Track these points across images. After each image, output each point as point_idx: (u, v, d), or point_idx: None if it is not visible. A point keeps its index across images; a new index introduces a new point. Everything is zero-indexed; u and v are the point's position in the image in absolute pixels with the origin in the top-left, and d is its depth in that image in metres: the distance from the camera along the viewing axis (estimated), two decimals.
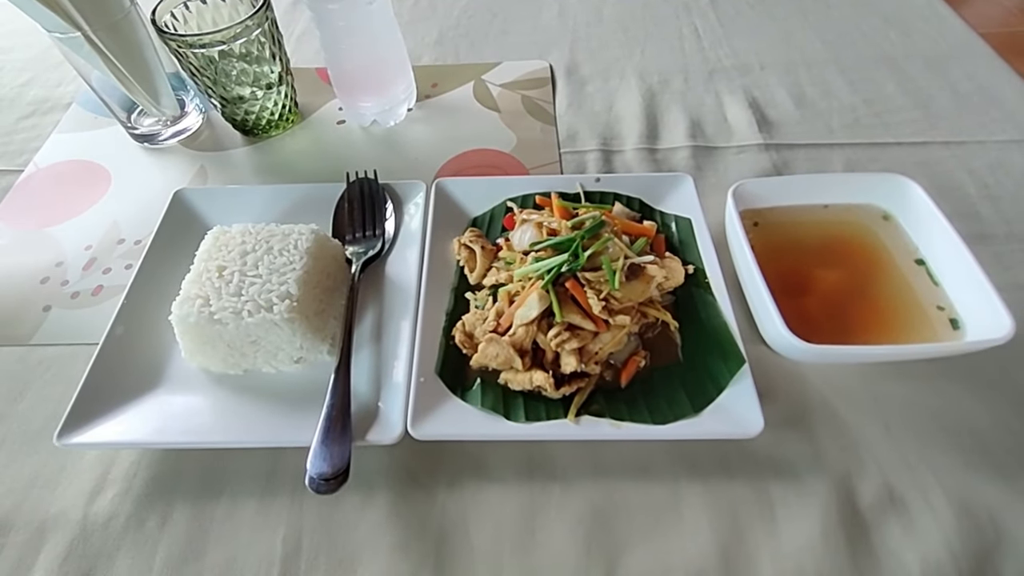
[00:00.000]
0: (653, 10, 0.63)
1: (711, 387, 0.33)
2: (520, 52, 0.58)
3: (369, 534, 0.30)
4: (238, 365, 0.35)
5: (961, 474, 0.31)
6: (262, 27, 0.44)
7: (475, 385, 0.34)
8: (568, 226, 0.35)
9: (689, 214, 0.41)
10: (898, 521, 0.30)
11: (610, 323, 0.33)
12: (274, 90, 0.48)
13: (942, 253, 0.34)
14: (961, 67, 0.54)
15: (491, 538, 0.30)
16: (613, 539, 0.30)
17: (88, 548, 0.30)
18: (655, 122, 0.51)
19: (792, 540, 0.30)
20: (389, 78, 0.49)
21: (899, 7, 0.62)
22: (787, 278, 0.34)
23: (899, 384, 0.35)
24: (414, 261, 0.39)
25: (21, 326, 0.39)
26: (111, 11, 0.42)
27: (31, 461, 0.33)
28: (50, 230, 0.44)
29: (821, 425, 0.33)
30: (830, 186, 0.38)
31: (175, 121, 0.50)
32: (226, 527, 0.31)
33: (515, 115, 0.52)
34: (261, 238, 0.36)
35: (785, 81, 0.54)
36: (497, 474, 0.32)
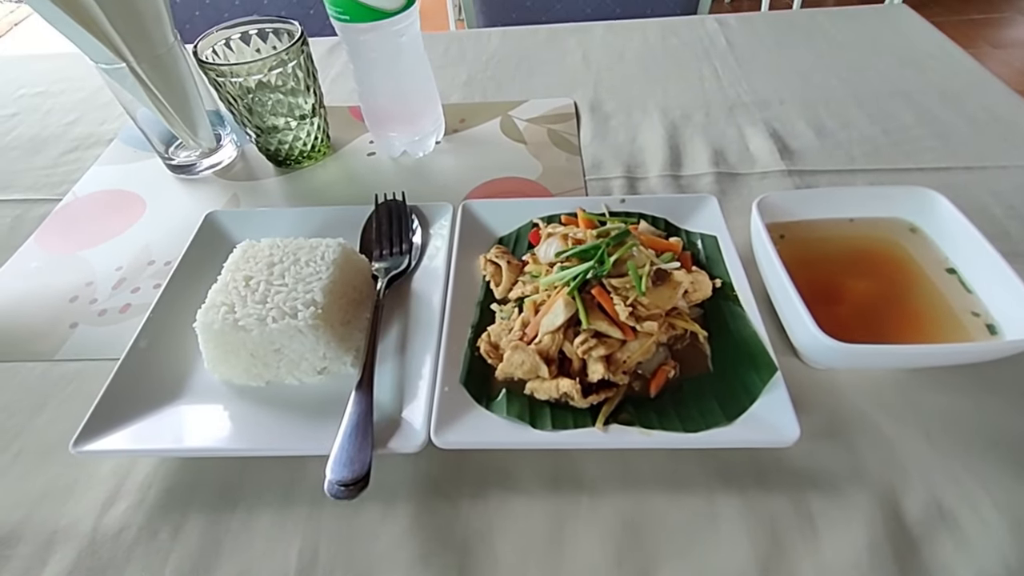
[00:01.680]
0: (673, 53, 0.67)
1: (744, 396, 0.32)
2: (545, 92, 0.62)
3: (389, 546, 0.30)
4: (260, 376, 0.35)
5: (1013, 487, 0.30)
6: (297, 60, 0.47)
7: (500, 395, 0.34)
8: (593, 235, 0.36)
9: (715, 232, 0.42)
10: (949, 536, 0.29)
11: (637, 330, 0.33)
12: (307, 121, 0.51)
13: (973, 261, 0.34)
14: (976, 100, 0.56)
15: (516, 551, 0.29)
16: (646, 553, 0.29)
17: (96, 560, 0.30)
18: (678, 152, 0.53)
19: (836, 555, 0.28)
20: (418, 110, 0.52)
21: (911, 48, 0.65)
22: (816, 288, 0.34)
23: (939, 396, 0.34)
24: (440, 278, 0.40)
25: (46, 342, 0.40)
26: (155, 45, 0.46)
27: (45, 474, 0.33)
28: (83, 253, 0.46)
29: (860, 437, 0.33)
30: (855, 200, 0.39)
31: (210, 153, 0.54)
32: (240, 539, 0.30)
33: (541, 146, 0.54)
34: (288, 251, 0.37)
35: (804, 114, 0.56)
36: (523, 485, 0.31)
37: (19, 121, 0.62)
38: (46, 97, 0.66)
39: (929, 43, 0.65)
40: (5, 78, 0.69)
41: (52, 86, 0.67)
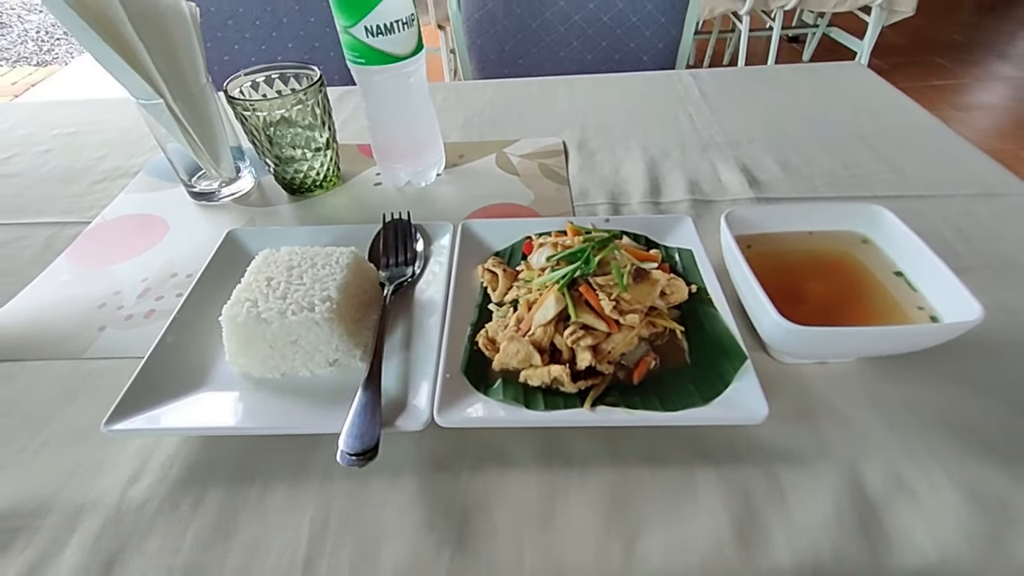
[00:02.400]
0: (651, 101, 0.74)
1: (718, 382, 0.36)
2: (536, 133, 0.68)
3: (394, 515, 0.32)
4: (277, 368, 0.38)
5: (965, 462, 0.33)
6: (315, 98, 0.53)
7: (497, 383, 0.37)
8: (580, 241, 0.41)
9: (690, 247, 0.46)
10: (907, 503, 0.32)
11: (620, 323, 0.37)
12: (321, 153, 0.56)
13: (917, 265, 0.39)
14: (925, 141, 0.63)
15: (512, 518, 0.32)
16: (631, 519, 0.31)
17: (121, 528, 0.32)
18: (657, 183, 0.58)
19: (805, 519, 0.31)
20: (422, 144, 0.58)
21: (867, 99, 0.72)
22: (780, 290, 0.38)
23: (896, 386, 0.38)
24: (441, 286, 0.44)
25: (75, 343, 0.43)
26: (189, 83, 0.52)
27: (73, 455, 0.36)
28: (110, 267, 0.50)
29: (824, 420, 0.36)
30: (813, 215, 0.44)
31: (230, 183, 0.59)
32: (256, 510, 0.33)
33: (533, 178, 0.59)
34: (306, 256, 0.41)
35: (771, 152, 0.62)
36: (517, 461, 0.34)
37: (52, 156, 0.68)
38: (77, 136, 0.71)
39: (883, 95, 0.73)
40: (40, 120, 0.75)
41: (82, 127, 0.73)
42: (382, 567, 0.30)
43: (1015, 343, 0.40)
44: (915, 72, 2.66)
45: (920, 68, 2.69)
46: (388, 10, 0.48)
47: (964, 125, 2.27)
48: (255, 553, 0.31)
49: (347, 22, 0.48)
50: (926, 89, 2.55)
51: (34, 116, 0.77)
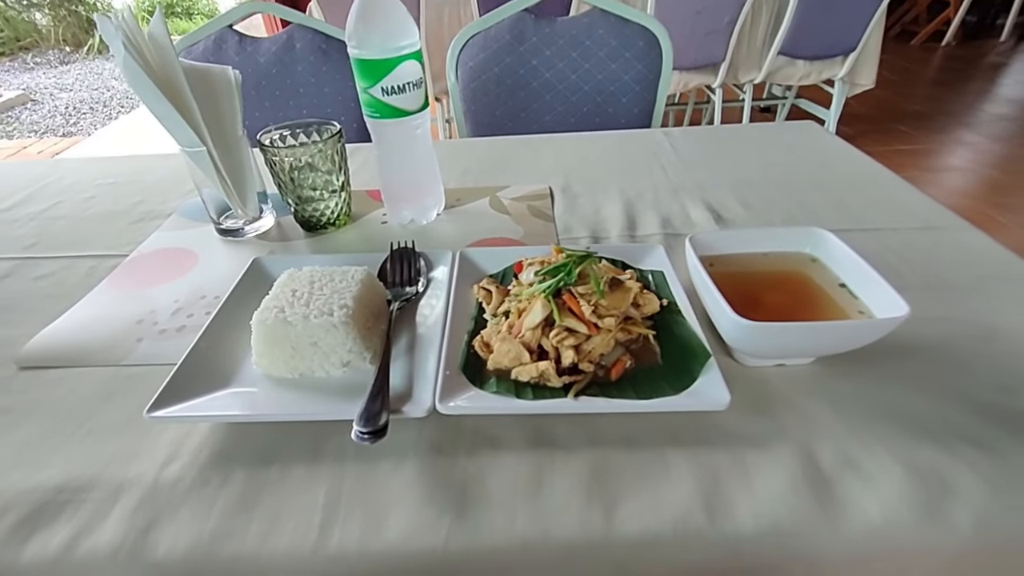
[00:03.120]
0: (628, 155, 0.82)
1: (686, 377, 0.40)
2: (526, 181, 0.75)
3: (400, 489, 0.36)
4: (296, 368, 0.43)
5: (905, 443, 0.37)
6: (335, 147, 0.60)
7: (491, 380, 0.41)
8: (563, 259, 0.46)
9: (662, 269, 0.52)
10: (855, 476, 0.35)
11: (599, 326, 0.42)
12: (336, 194, 0.63)
13: (857, 277, 0.44)
14: (871, 185, 0.70)
15: (505, 491, 0.35)
16: (610, 490, 0.35)
17: (157, 502, 0.35)
18: (633, 220, 0.65)
19: (765, 490, 0.35)
20: (425, 188, 0.64)
21: (820, 152, 0.80)
22: (739, 299, 0.42)
23: (846, 383, 0.42)
24: (441, 302, 0.49)
25: (115, 352, 0.47)
26: (228, 135, 0.59)
27: (113, 444, 0.39)
28: (146, 291, 0.55)
29: (782, 411, 0.40)
30: (767, 238, 0.49)
31: (253, 221, 0.65)
32: (276, 486, 0.36)
33: (522, 216, 0.66)
34: (325, 274, 0.47)
35: (734, 195, 0.69)
36: (509, 445, 0.38)
37: (96, 201, 0.74)
38: (117, 186, 0.78)
39: (833, 147, 0.81)
40: (85, 172, 0.83)
41: (120, 179, 0.80)
42: (389, 531, 0.33)
43: (948, 346, 0.45)
44: (881, 138, 2.81)
45: (886, 134, 2.84)
46: (401, 75, 0.56)
47: (933, 186, 2.38)
48: (276, 520, 0.34)
49: (367, 84, 0.56)
50: (893, 153, 2.68)
51: (79, 169, 0.84)
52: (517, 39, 1.07)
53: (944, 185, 2.40)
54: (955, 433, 0.37)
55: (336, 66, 1.08)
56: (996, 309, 0.48)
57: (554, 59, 1.07)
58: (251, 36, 1.08)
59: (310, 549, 0.33)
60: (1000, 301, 0.49)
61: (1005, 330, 0.46)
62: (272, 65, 1.08)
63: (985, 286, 0.51)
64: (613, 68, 1.07)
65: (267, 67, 1.08)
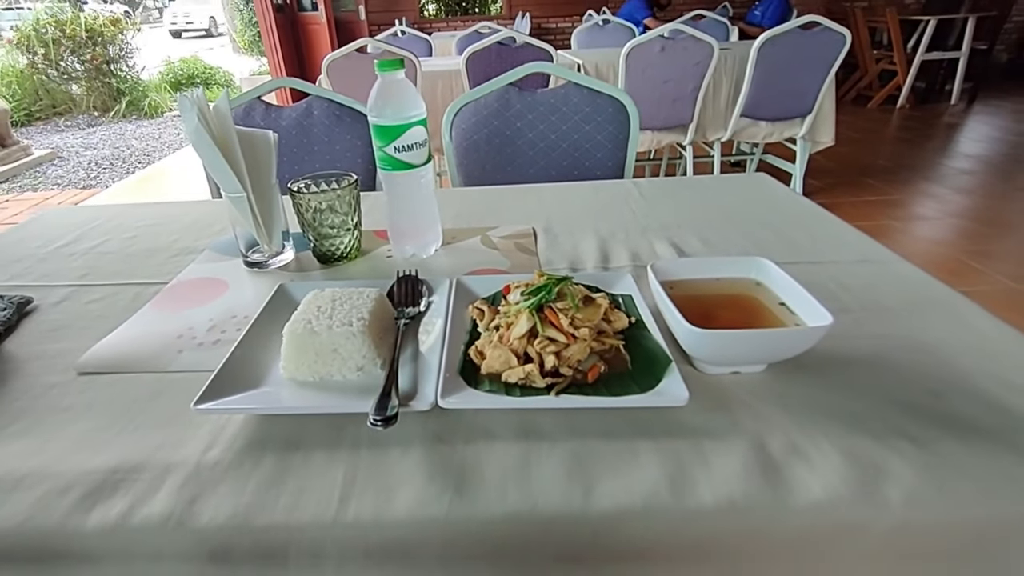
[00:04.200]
0: (602, 201, 0.89)
1: (652, 379, 0.46)
2: (512, 223, 0.82)
3: (406, 472, 0.40)
4: (317, 373, 0.48)
5: (845, 436, 0.41)
6: (351, 193, 0.68)
7: (484, 381, 0.47)
8: (544, 280, 0.52)
9: (630, 293, 0.58)
10: (800, 461, 0.39)
11: (576, 336, 0.48)
12: (350, 232, 0.70)
13: (794, 298, 0.50)
14: (815, 224, 0.77)
15: (498, 473, 0.40)
16: (588, 473, 0.39)
17: (200, 479, 0.40)
18: (607, 254, 0.72)
19: (721, 472, 0.39)
20: (426, 228, 0.72)
21: (770, 199, 0.88)
22: (695, 317, 0.48)
23: (795, 388, 0.47)
24: (441, 320, 0.55)
25: (159, 361, 0.53)
26: (264, 182, 0.66)
27: (160, 435, 0.44)
28: (185, 312, 0.61)
29: (737, 410, 0.45)
30: (719, 266, 0.56)
31: (276, 255, 0.71)
32: (301, 468, 0.41)
33: (509, 251, 0.73)
34: (344, 293, 0.53)
35: (694, 233, 0.76)
36: (500, 435, 0.43)
37: (138, 240, 0.81)
38: (156, 227, 0.85)
39: (782, 195, 0.89)
40: (128, 216, 0.90)
41: (159, 220, 0.88)
42: (398, 504, 0.38)
43: (884, 358, 0.50)
44: (849, 190, 2.92)
45: (853, 187, 2.96)
46: (410, 137, 0.64)
47: (903, 234, 2.46)
48: (301, 494, 0.39)
49: (383, 143, 0.64)
50: (862, 204, 2.77)
51: (122, 214, 0.92)
52: (504, 106, 1.18)
53: (916, 234, 2.48)
54: (889, 428, 0.42)
55: (347, 128, 1.19)
56: (925, 327, 0.54)
57: (536, 122, 1.18)
58: (275, 105, 1.20)
59: (331, 519, 0.37)
60: (929, 320, 0.55)
61: (933, 344, 0.51)
62: (292, 128, 1.19)
63: (916, 308, 0.57)
64: (587, 129, 1.17)
65: (288, 129, 1.18)
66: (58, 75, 5.83)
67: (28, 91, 5.74)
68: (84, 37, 5.75)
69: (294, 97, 1.24)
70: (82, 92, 5.89)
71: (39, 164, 4.24)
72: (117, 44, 6.05)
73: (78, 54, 5.80)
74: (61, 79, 5.85)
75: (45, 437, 0.45)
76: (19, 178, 3.99)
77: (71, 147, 4.76)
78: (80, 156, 4.50)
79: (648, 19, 3.84)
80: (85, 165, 4.25)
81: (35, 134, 5.22)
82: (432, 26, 6.17)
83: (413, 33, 3.66)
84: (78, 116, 5.82)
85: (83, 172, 4.09)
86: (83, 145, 4.82)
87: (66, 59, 5.79)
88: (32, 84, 5.75)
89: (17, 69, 5.73)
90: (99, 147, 4.75)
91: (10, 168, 4.00)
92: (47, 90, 5.81)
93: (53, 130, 5.40)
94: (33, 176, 4.03)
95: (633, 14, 3.88)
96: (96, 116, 5.83)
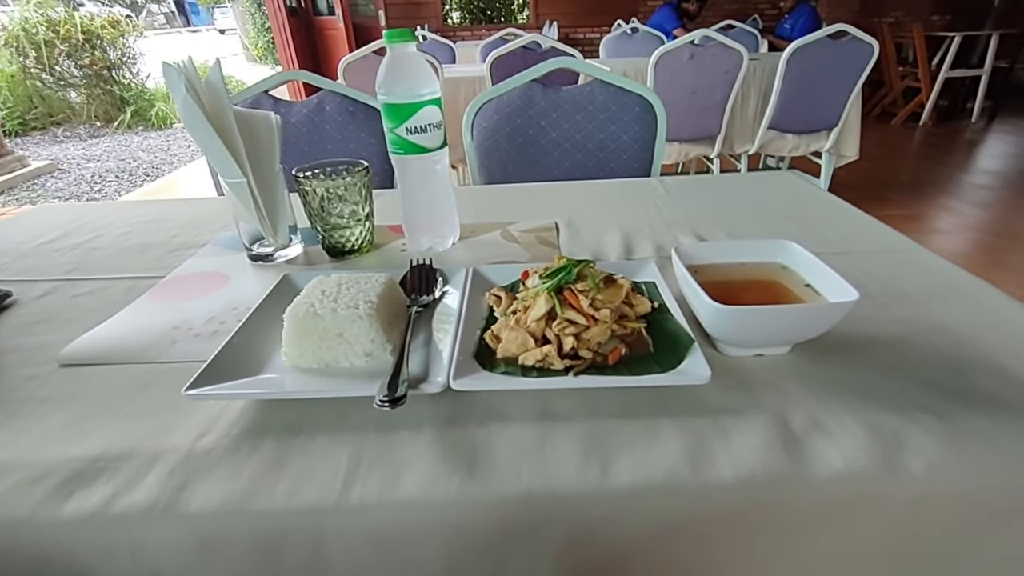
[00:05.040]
0: (627, 199, 0.89)
1: (673, 360, 0.45)
2: (534, 219, 0.82)
3: (415, 453, 0.39)
4: (322, 359, 0.47)
5: (867, 411, 0.41)
6: (362, 182, 0.67)
7: (500, 365, 0.46)
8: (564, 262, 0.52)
9: (653, 280, 0.57)
10: (822, 436, 0.39)
11: (596, 317, 0.47)
12: (361, 223, 0.69)
13: (820, 279, 0.49)
14: (839, 217, 0.77)
15: (511, 454, 0.39)
16: (605, 451, 0.39)
17: (191, 466, 0.39)
18: (630, 246, 0.71)
19: (742, 447, 0.39)
20: (442, 219, 0.71)
21: (795, 194, 0.88)
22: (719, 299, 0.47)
23: (818, 369, 0.46)
24: (455, 308, 0.54)
25: (153, 351, 0.52)
26: (265, 169, 0.66)
27: (151, 422, 0.43)
28: (182, 304, 0.61)
29: (760, 390, 0.44)
30: (744, 250, 0.55)
31: (282, 249, 0.71)
32: (302, 452, 0.40)
33: (530, 244, 0.72)
34: (351, 278, 0.52)
35: (720, 226, 0.76)
36: (515, 417, 0.42)
37: (133, 235, 0.81)
38: (153, 223, 0.85)
39: (807, 191, 0.89)
40: (123, 213, 0.90)
41: (158, 217, 0.88)
42: (405, 487, 0.37)
43: (906, 340, 0.50)
44: (873, 204, 2.94)
45: (876, 201, 3.00)
46: (423, 117, 0.64)
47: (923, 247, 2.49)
48: (302, 478, 0.37)
49: (393, 124, 0.64)
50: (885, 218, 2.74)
51: (117, 210, 0.92)
52: (527, 104, 1.19)
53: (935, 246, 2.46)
54: (911, 403, 0.42)
55: (361, 125, 1.20)
56: (948, 311, 0.54)
57: (560, 120, 1.19)
58: (284, 100, 1.21)
59: (334, 502, 0.36)
60: (951, 305, 0.55)
61: (955, 327, 0.52)
62: (303, 124, 1.20)
63: (938, 294, 0.57)
64: (613, 129, 1.18)
65: (298, 126, 1.20)
66: (54, 81, 5.60)
67: (21, 98, 5.48)
68: (80, 39, 5.49)
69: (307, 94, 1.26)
70: (82, 100, 5.77)
71: (37, 176, 4.26)
72: (118, 48, 5.81)
73: (75, 58, 5.52)
74: (58, 85, 5.63)
75: (19, 428, 0.43)
76: (15, 191, 3.99)
77: (72, 159, 4.79)
78: (82, 168, 4.52)
79: (677, 29, 3.89)
80: (88, 178, 4.27)
81: (31, 144, 5.16)
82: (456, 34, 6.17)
83: (436, 39, 3.69)
84: (78, 126, 5.74)
85: (86, 185, 4.12)
86: (85, 157, 4.84)
87: (62, 63, 5.52)
88: (25, 90, 5.49)
89: (7, 73, 5.41)
90: (103, 159, 4.77)
91: (5, 180, 3.97)
92: (42, 97, 5.58)
93: (51, 140, 5.36)
94: (31, 189, 4.04)
95: (663, 24, 3.94)
96: (98, 126, 5.76)
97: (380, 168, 1.18)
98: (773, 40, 3.99)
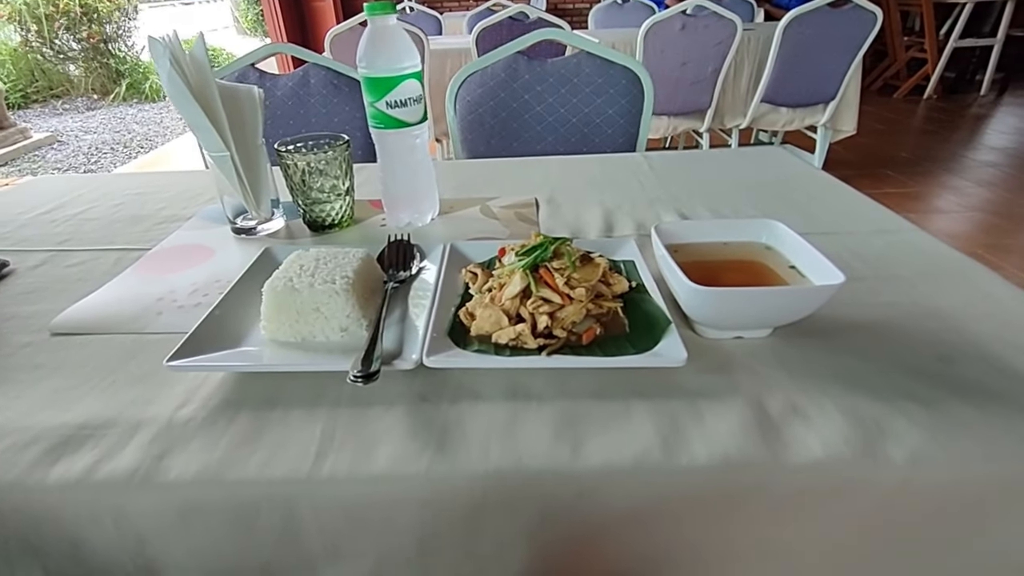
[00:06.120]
0: (610, 174, 0.88)
1: (649, 341, 0.45)
2: (514, 194, 0.81)
3: (387, 428, 0.39)
4: (299, 333, 0.47)
5: (848, 397, 0.41)
6: (342, 156, 0.66)
7: (473, 343, 0.46)
8: (540, 240, 0.51)
9: (632, 259, 0.57)
10: (801, 422, 0.39)
11: (571, 296, 0.46)
12: (341, 198, 0.68)
13: (805, 260, 0.49)
14: (830, 195, 0.76)
15: (482, 432, 0.39)
16: (577, 432, 0.39)
17: (170, 435, 0.39)
18: (611, 224, 0.70)
19: (717, 431, 0.38)
20: (422, 194, 0.70)
21: (783, 170, 0.86)
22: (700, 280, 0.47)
23: (798, 350, 0.46)
24: (432, 284, 0.54)
25: (138, 322, 0.52)
26: (249, 143, 0.65)
27: (133, 392, 0.44)
28: (167, 276, 0.60)
29: (737, 372, 0.44)
30: (727, 229, 0.54)
31: (265, 222, 0.71)
32: (278, 425, 0.40)
33: (510, 221, 0.71)
34: (329, 253, 0.52)
35: (704, 204, 0.75)
36: (488, 396, 0.42)
37: (123, 207, 0.80)
38: (143, 195, 0.85)
39: (798, 167, 0.87)
40: (115, 185, 0.90)
41: (147, 190, 0.87)
42: (377, 459, 0.37)
43: (894, 324, 0.49)
44: (868, 182, 2.88)
45: (873, 179, 2.92)
46: (403, 91, 0.63)
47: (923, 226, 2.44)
48: (276, 449, 0.38)
49: (373, 98, 0.63)
50: (882, 196, 2.73)
51: (110, 183, 0.92)
52: (511, 76, 1.16)
53: (933, 227, 2.45)
54: (895, 390, 0.41)
55: (346, 99, 1.17)
56: (940, 295, 0.53)
57: (544, 94, 1.16)
58: (270, 73, 1.18)
59: (306, 474, 0.37)
60: (943, 288, 0.54)
61: (947, 311, 0.50)
62: (288, 98, 1.18)
63: (931, 277, 0.56)
64: (599, 103, 1.15)
65: (283, 99, 1.17)
66: (54, 54, 5.72)
67: (23, 71, 5.64)
68: (79, 13, 5.60)
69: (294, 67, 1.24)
70: (80, 73, 5.85)
71: (38, 148, 4.28)
72: (114, 22, 5.91)
73: (73, 31, 5.65)
74: (57, 59, 5.76)
75: (13, 394, 0.44)
76: (18, 162, 4.02)
77: (70, 131, 4.79)
78: (80, 140, 4.53)
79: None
80: (85, 149, 4.28)
81: (33, 117, 5.22)
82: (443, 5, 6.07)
83: (422, 10, 3.62)
84: (76, 99, 5.80)
85: (83, 156, 4.12)
86: (83, 129, 4.85)
87: (61, 37, 5.66)
88: (27, 64, 5.63)
89: (10, 47, 5.59)
90: (99, 131, 4.78)
91: (8, 151, 4.02)
92: (43, 70, 5.72)
93: (51, 113, 5.41)
94: (32, 160, 4.07)
95: None
96: (95, 99, 5.81)
97: (364, 142, 1.16)
98: (770, 9, 3.85)
